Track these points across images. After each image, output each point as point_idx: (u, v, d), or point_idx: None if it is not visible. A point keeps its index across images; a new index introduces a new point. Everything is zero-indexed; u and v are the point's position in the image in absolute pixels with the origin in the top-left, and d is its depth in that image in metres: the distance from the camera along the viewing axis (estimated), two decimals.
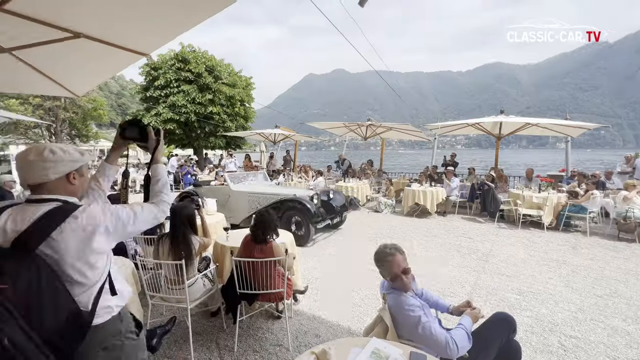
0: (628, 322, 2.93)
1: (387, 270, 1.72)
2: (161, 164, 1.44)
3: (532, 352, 2.51)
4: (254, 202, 5.93)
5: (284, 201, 5.56)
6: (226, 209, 5.96)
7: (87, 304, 1.13)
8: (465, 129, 10.11)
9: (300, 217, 5.37)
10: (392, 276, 1.71)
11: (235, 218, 6.04)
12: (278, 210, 5.43)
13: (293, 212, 5.44)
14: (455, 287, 3.73)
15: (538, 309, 3.19)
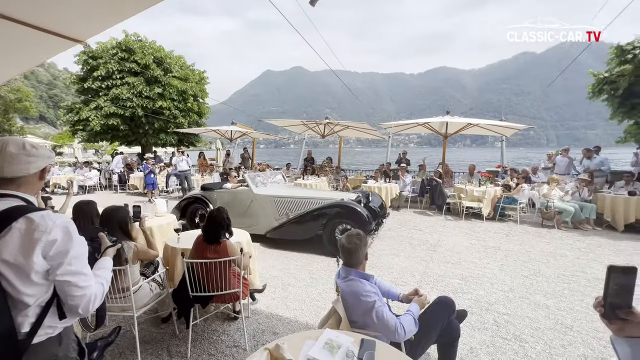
0: (547, 297, 3.38)
1: (355, 256, 1.79)
2: (109, 257, 1.41)
3: (471, 330, 2.78)
4: (283, 208, 5.13)
5: (328, 207, 4.77)
6: (247, 217, 5.28)
7: (25, 323, 1.01)
8: (417, 128, 10.74)
9: (350, 225, 4.60)
10: (358, 261, 1.79)
11: (259, 227, 5.23)
12: (317, 218, 4.78)
13: (340, 219, 4.69)
14: (406, 277, 3.98)
15: (477, 292, 3.53)
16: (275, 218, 5.19)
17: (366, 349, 1.34)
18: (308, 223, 4.88)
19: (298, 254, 4.82)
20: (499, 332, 2.75)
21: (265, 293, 3.45)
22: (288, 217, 5.07)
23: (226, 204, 5.22)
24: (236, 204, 5.36)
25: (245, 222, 5.22)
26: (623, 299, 0.92)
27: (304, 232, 4.94)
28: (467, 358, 2.42)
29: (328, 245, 4.74)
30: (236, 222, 5.29)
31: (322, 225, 4.78)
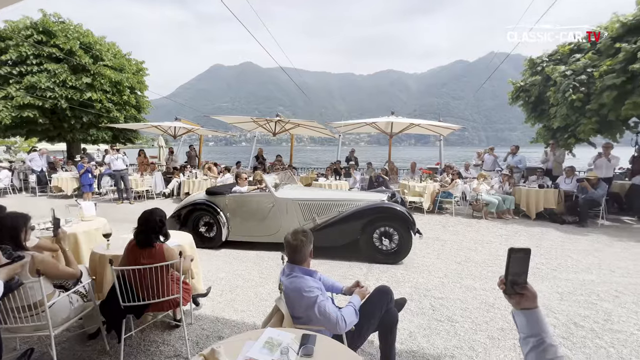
0: (475, 280, 3.78)
1: (300, 254, 1.79)
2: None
3: (410, 315, 2.99)
4: (309, 212, 4.68)
5: (367, 209, 4.39)
6: (267, 224, 4.78)
7: None
8: (366, 128, 11.18)
9: (392, 227, 4.34)
10: (303, 259, 1.80)
11: (281, 234, 4.54)
12: (355, 221, 4.40)
13: (381, 222, 4.37)
14: (354, 270, 4.13)
15: (417, 279, 3.81)
16: (300, 224, 4.68)
17: (306, 343, 1.36)
18: (344, 228, 4.48)
19: (247, 253, 4.70)
20: (434, 315, 3.00)
21: (211, 297, 3.30)
22: (315, 221, 4.65)
23: (241, 210, 4.88)
24: (254, 209, 4.82)
25: (265, 230, 4.78)
26: (520, 276, 1.07)
27: (339, 238, 4.54)
28: (407, 342, 2.60)
29: (366, 250, 4.43)
30: (255, 230, 4.86)
31: (361, 229, 4.38)
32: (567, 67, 7.08)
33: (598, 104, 6.14)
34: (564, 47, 8.13)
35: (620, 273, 4.00)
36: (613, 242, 5.27)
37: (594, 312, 3.03)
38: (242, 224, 4.89)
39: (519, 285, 1.07)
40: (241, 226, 4.91)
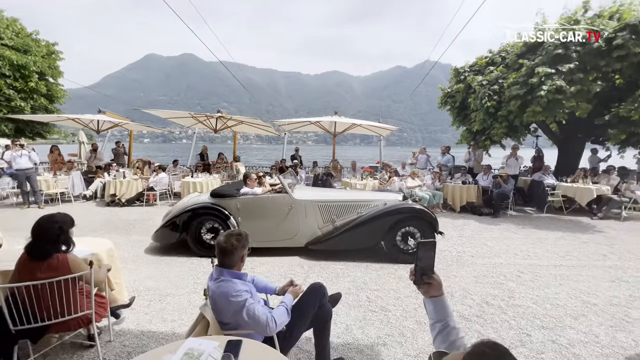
0: (407, 271, 4.06)
1: (230, 257, 1.71)
2: None
3: (347, 309, 3.09)
4: (328, 214, 4.55)
5: (392, 211, 4.33)
6: (285, 228, 4.52)
7: None
8: (312, 127, 11.28)
9: (415, 227, 4.33)
10: (233, 263, 1.71)
11: (299, 238, 4.55)
12: (378, 223, 4.32)
13: (406, 223, 4.33)
14: (295, 269, 4.13)
15: (355, 274, 3.96)
16: (319, 226, 4.57)
17: (230, 350, 1.29)
18: (367, 230, 4.38)
19: (182, 259, 4.38)
20: (370, 306, 3.15)
21: (136, 308, 2.99)
22: (334, 224, 4.55)
23: (256, 214, 4.55)
24: (270, 212, 4.54)
25: (281, 235, 4.54)
26: (427, 266, 1.18)
27: (362, 240, 4.44)
28: (344, 335, 2.68)
29: (389, 251, 4.41)
30: (270, 235, 4.53)
31: (387, 230, 4.32)
32: (483, 78, 8.06)
33: (507, 111, 7.11)
34: (481, 59, 9.24)
35: (522, 256, 4.68)
36: (518, 230, 6.16)
37: (501, 291, 3.49)
38: (256, 229, 4.47)
39: (427, 275, 1.17)
40: (255, 231, 4.41)
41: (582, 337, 2.64)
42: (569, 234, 5.90)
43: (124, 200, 7.93)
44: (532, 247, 5.10)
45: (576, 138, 8.72)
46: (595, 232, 6.07)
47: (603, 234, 5.98)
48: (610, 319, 2.94)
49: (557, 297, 3.36)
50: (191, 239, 4.50)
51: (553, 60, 6.46)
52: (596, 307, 3.16)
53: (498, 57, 8.74)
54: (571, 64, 6.27)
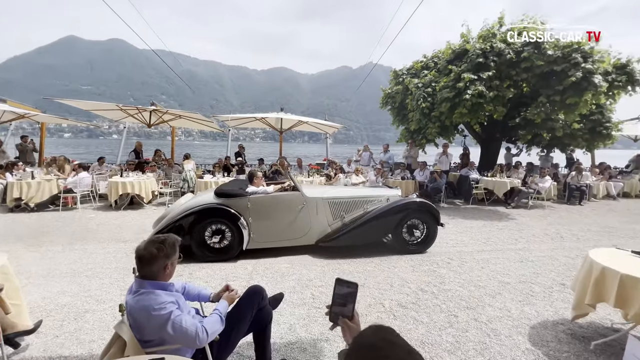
0: (351, 265, 4.19)
1: (149, 267, 1.51)
2: None
3: (291, 308, 3.05)
4: (338, 211, 4.64)
5: (400, 206, 4.55)
6: (296, 226, 4.49)
7: None
8: (259, 123, 10.94)
9: (420, 220, 4.64)
10: (154, 274, 1.52)
11: (310, 236, 4.56)
12: (388, 218, 4.51)
13: (411, 216, 4.60)
14: (238, 271, 3.96)
15: (300, 272, 3.94)
16: (329, 223, 4.62)
17: None
18: (377, 225, 4.55)
19: (107, 268, 3.89)
20: (314, 303, 3.16)
21: (43, 332, 2.56)
22: (343, 220, 4.65)
23: (267, 213, 4.41)
24: (282, 211, 4.46)
25: (293, 233, 4.51)
26: (343, 308, 1.08)
27: (371, 235, 4.63)
28: (287, 335, 2.63)
29: (396, 244, 4.65)
30: (282, 234, 4.46)
31: (396, 224, 4.54)
32: (419, 80, 8.69)
33: (439, 112, 7.77)
34: (417, 63, 9.94)
35: (452, 244, 5.17)
36: (449, 220, 6.78)
37: (433, 278, 3.79)
38: (268, 229, 4.42)
39: (343, 317, 1.07)
40: (265, 231, 4.43)
41: (498, 313, 3.00)
42: (489, 222, 6.69)
43: (33, 204, 6.79)
44: (460, 236, 5.66)
45: (495, 138, 9.92)
46: (509, 220, 6.99)
47: (515, 221, 6.91)
48: (519, 294, 3.39)
49: (479, 280, 3.77)
50: (196, 243, 4.19)
51: (476, 68, 7.23)
52: (509, 285, 3.62)
53: (431, 62, 9.50)
54: (490, 71, 7.09)
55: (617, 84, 7.04)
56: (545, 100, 7.15)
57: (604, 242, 5.40)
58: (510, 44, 7.22)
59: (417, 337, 2.61)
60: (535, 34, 7.17)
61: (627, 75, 7.12)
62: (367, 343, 0.70)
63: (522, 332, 2.70)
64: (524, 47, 7.10)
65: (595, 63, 6.57)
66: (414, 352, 0.68)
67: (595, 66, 6.53)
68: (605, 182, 9.76)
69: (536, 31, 7.25)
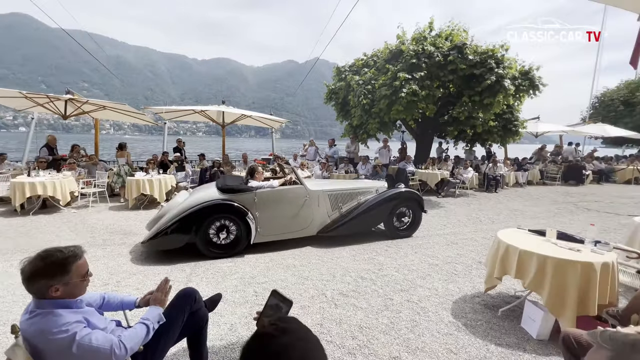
0: (296, 259, 4.22)
1: (38, 285, 1.27)
2: None
3: (232, 307, 2.97)
4: (336, 203, 4.98)
5: (392, 196, 5.06)
6: (300, 218, 4.70)
7: None
8: (201, 117, 10.26)
9: (407, 207, 5.19)
10: (42, 292, 1.30)
11: (312, 227, 4.80)
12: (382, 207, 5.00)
13: (401, 204, 5.14)
14: (176, 274, 3.71)
15: (244, 269, 3.85)
16: (328, 215, 4.92)
17: None
18: (372, 215, 4.98)
19: (7, 284, 3.32)
20: (257, 300, 3.12)
21: None
22: (341, 211, 4.98)
23: (273, 207, 4.52)
24: (287, 205, 4.62)
25: (296, 226, 4.69)
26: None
27: (367, 224, 5.07)
28: (227, 336, 2.56)
29: (388, 231, 5.15)
30: (286, 227, 4.63)
31: (389, 212, 5.02)
32: (360, 77, 9.02)
33: (378, 109, 8.18)
34: (358, 61, 10.30)
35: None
36: None
37: (372, 265, 4.02)
38: (274, 222, 4.54)
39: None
40: (271, 225, 4.54)
41: (427, 292, 3.31)
42: None
43: None
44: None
45: (428, 133, 10.82)
46: (439, 208, 7.73)
47: (444, 208, 7.67)
48: (445, 274, 3.79)
49: (412, 263, 4.11)
50: (201, 240, 4.13)
51: (410, 68, 7.77)
52: (437, 266, 4.02)
53: (371, 60, 9.93)
54: (422, 72, 7.68)
55: (522, 87, 8.22)
56: (468, 100, 8.01)
57: (512, 223, 6.30)
58: (439, 47, 7.90)
59: (356, 322, 2.75)
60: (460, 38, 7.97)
61: (529, 80, 8.35)
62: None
63: (446, 307, 3.03)
64: (450, 51, 7.84)
65: (505, 69, 7.55)
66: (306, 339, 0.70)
67: (505, 71, 7.52)
68: (514, 172, 11.37)
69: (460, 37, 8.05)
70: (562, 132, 14.81)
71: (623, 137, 15.54)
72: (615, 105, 17.42)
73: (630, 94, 16.86)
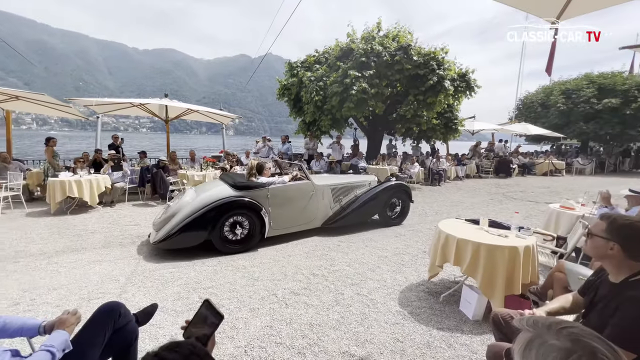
0: (245, 260, 4.06)
1: None
2: None
3: (174, 317, 2.73)
4: (337, 196, 5.30)
5: (388, 188, 5.50)
6: (308, 212, 4.94)
7: None
8: (145, 112, 9.34)
9: (398, 198, 5.65)
10: None
11: (317, 220, 5.06)
12: (378, 199, 5.41)
13: (394, 196, 5.59)
14: (107, 285, 3.32)
15: (188, 275, 3.58)
16: (330, 207, 5.23)
17: None
18: (370, 206, 5.37)
19: None
20: None
21: None
22: (341, 204, 5.31)
23: (284, 202, 4.70)
24: (297, 199, 4.86)
25: (304, 218, 4.95)
26: (200, 332, 1.01)
27: (365, 215, 5.43)
28: None
29: (382, 220, 5.62)
30: (295, 220, 4.85)
31: (382, 206, 5.47)
32: (312, 74, 9.01)
33: (330, 106, 8.26)
34: (310, 57, 10.28)
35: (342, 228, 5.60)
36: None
37: (325, 262, 4.03)
38: (284, 216, 4.72)
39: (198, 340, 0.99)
40: (282, 219, 4.71)
41: (376, 284, 3.40)
42: None
43: None
44: None
45: (378, 130, 11.24)
46: None
47: None
48: (393, 265, 3.94)
49: (363, 257, 4.20)
50: (217, 237, 4.19)
51: (360, 66, 7.95)
52: (386, 258, 4.16)
53: (323, 57, 9.97)
54: (371, 70, 7.91)
55: (460, 89, 8.91)
56: (413, 99, 8.46)
57: (453, 213, 6.81)
58: (386, 47, 8.21)
59: (307, 320, 2.71)
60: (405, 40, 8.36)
61: (466, 82, 9.09)
62: None
63: (394, 297, 3.14)
64: (397, 52, 8.19)
65: (445, 70, 8.11)
66: None
67: (445, 73, 8.08)
68: (455, 166, 12.36)
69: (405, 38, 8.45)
70: (493, 130, 16.46)
71: (541, 134, 17.80)
72: (534, 107, 19.87)
73: (546, 97, 19.37)
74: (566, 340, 0.64)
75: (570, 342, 0.63)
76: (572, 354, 0.61)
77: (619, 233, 1.38)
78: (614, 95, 16.23)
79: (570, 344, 0.63)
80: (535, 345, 0.66)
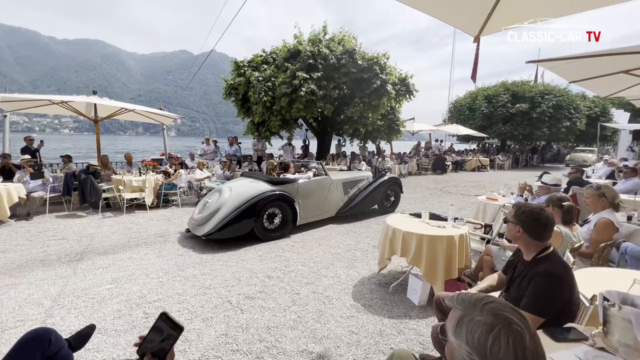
0: (196, 267, 3.85)
1: None
2: None
3: (115, 338, 2.48)
4: (346, 188, 6.09)
5: (387, 181, 6.47)
6: (326, 203, 5.75)
7: None
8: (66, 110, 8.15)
9: (392, 190, 6.69)
10: None
11: (332, 210, 5.87)
12: (380, 190, 6.38)
13: (390, 188, 6.60)
14: (27, 310, 2.87)
15: (130, 289, 3.28)
16: (341, 199, 5.99)
17: None
18: (373, 197, 6.28)
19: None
20: (147, 322, 2.70)
21: None
22: (349, 195, 6.12)
23: (310, 194, 5.45)
24: (318, 192, 5.58)
25: (324, 208, 5.69)
26: (158, 346, 0.97)
27: (369, 204, 6.33)
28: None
29: (382, 209, 6.53)
30: (318, 210, 5.66)
31: (383, 195, 6.44)
32: (259, 74, 8.86)
33: (279, 106, 8.23)
34: (257, 57, 10.10)
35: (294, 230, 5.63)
36: None
37: (280, 263, 4.02)
38: (311, 206, 5.44)
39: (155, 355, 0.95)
40: (308, 208, 5.41)
41: (331, 281, 3.50)
42: None
43: None
44: None
45: (327, 131, 11.51)
46: None
47: None
48: (346, 261, 4.09)
49: (317, 255, 4.28)
50: (260, 226, 4.77)
51: (307, 68, 8.06)
52: (339, 255, 4.30)
53: (270, 57, 9.87)
54: (319, 72, 8.08)
55: (401, 92, 9.58)
56: (359, 101, 8.85)
57: (398, 208, 7.30)
58: (333, 50, 8.45)
59: (264, 324, 2.68)
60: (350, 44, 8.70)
61: (406, 86, 9.79)
62: None
63: (347, 292, 3.27)
64: (343, 55, 8.48)
65: (387, 75, 8.65)
66: None
67: (388, 77, 8.61)
68: (398, 165, 13.23)
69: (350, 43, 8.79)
70: (430, 131, 18.00)
71: (469, 134, 20.01)
72: (463, 110, 22.24)
73: (472, 101, 21.81)
74: (488, 315, 0.76)
75: (492, 317, 0.75)
76: (494, 328, 0.73)
77: (520, 218, 1.66)
78: (524, 101, 18.96)
79: (492, 318, 0.75)
80: (465, 322, 0.77)
